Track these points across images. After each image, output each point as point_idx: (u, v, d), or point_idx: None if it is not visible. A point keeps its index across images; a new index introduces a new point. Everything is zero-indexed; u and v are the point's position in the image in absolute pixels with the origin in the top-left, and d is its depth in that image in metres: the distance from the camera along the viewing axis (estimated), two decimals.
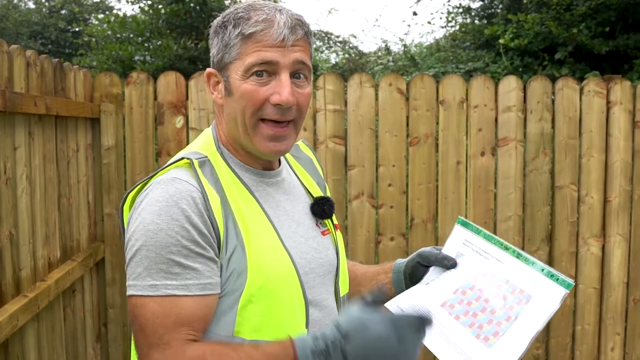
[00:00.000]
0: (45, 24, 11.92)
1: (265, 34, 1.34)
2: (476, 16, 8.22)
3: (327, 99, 3.80)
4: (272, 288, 1.32)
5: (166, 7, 7.09)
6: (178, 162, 1.36)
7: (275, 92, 1.35)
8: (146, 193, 1.32)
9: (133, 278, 1.28)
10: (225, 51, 1.39)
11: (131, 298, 1.28)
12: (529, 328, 1.34)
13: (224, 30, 1.39)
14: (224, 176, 1.38)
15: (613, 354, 3.94)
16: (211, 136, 1.48)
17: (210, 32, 1.45)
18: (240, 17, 1.37)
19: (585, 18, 6.12)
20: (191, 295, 1.26)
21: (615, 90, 3.85)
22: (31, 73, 2.74)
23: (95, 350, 3.58)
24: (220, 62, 1.41)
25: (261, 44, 1.34)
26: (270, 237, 1.37)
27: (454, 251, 1.57)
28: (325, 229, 1.55)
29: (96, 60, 7.08)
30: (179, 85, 3.74)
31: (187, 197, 1.28)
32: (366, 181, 3.83)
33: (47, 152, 2.88)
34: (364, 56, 8.26)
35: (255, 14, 1.36)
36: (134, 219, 1.30)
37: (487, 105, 3.82)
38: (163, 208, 1.26)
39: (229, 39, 1.37)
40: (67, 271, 3.01)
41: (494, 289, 1.43)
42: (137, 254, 1.27)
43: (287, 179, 1.53)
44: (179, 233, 1.25)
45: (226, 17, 1.40)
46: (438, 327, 1.38)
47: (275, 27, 1.34)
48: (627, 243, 3.89)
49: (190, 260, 1.26)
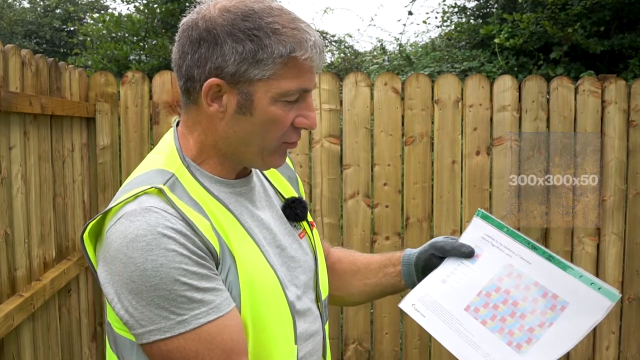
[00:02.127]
0: (40, 23, 11.90)
1: (312, 61, 1.21)
2: (471, 16, 8.23)
3: (322, 99, 3.80)
4: (262, 307, 1.23)
5: (161, 6, 7.09)
6: (147, 190, 1.18)
7: (301, 115, 1.25)
8: (119, 227, 1.15)
9: (149, 323, 1.13)
10: (253, 65, 1.19)
11: (156, 345, 1.14)
12: (566, 338, 1.24)
13: (251, 38, 1.18)
14: (197, 193, 1.24)
15: (608, 352, 3.95)
16: (174, 147, 1.31)
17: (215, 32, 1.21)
18: (275, 29, 1.19)
19: (580, 18, 6.13)
20: (224, 315, 1.15)
21: (610, 90, 3.86)
22: (26, 72, 2.73)
23: (90, 349, 3.58)
24: (237, 75, 1.20)
25: (302, 71, 1.21)
26: (252, 252, 1.26)
27: (472, 245, 1.46)
28: (301, 231, 1.45)
29: (91, 59, 7.07)
30: (174, 85, 3.74)
31: (170, 225, 1.13)
32: (361, 180, 3.84)
33: (42, 151, 2.88)
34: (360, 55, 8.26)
35: (300, 34, 1.20)
36: (114, 259, 1.14)
37: (482, 105, 3.82)
38: (151, 242, 1.11)
39: (265, 54, 1.18)
40: (63, 271, 3.01)
41: (521, 290, 1.33)
42: (141, 298, 1.12)
43: (257, 184, 1.40)
44: (182, 262, 1.12)
45: (255, 22, 1.19)
46: (464, 333, 1.30)
47: (319, 54, 1.21)
48: (622, 242, 3.90)
49: (205, 282, 1.14)
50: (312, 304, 1.40)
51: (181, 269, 1.12)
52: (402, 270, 1.56)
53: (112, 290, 1.15)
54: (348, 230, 3.85)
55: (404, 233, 3.87)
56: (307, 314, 1.36)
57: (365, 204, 3.85)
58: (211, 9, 1.22)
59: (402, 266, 1.56)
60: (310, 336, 1.37)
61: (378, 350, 3.91)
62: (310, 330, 1.37)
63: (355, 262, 1.64)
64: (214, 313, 1.14)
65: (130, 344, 1.21)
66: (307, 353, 1.35)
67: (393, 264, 1.58)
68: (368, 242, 3.86)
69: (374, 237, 3.87)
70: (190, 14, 1.26)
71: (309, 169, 3.84)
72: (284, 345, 1.27)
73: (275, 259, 1.32)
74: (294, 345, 1.29)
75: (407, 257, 1.57)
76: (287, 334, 1.28)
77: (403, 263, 1.56)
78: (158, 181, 1.21)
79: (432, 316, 1.36)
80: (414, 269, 1.54)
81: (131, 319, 1.14)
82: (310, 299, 1.40)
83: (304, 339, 1.34)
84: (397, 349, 3.92)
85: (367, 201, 3.85)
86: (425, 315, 1.37)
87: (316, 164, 3.83)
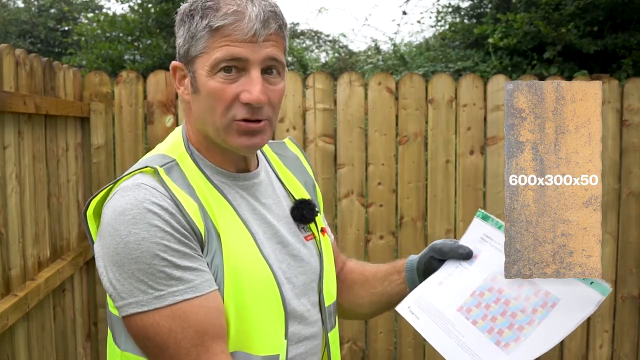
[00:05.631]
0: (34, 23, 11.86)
1: (235, 28, 1.22)
2: (465, 15, 8.25)
3: (316, 98, 3.81)
4: (247, 296, 1.23)
5: (156, 6, 7.09)
6: (143, 169, 1.24)
7: (245, 89, 1.24)
8: (111, 202, 1.20)
9: (128, 296, 1.16)
10: (191, 43, 1.27)
11: (133, 318, 1.16)
12: (554, 333, 1.25)
13: (190, 19, 1.26)
14: (195, 179, 1.27)
15: (601, 351, 3.97)
16: (181, 136, 1.36)
17: (177, 19, 1.32)
18: (209, 6, 1.24)
19: (573, 17, 6.15)
20: (202, 295, 1.16)
21: (603, 89, 3.87)
22: (20, 72, 2.73)
23: (85, 349, 3.58)
24: (186, 55, 1.29)
25: (230, 38, 1.22)
26: (246, 243, 1.27)
27: (471, 247, 1.47)
28: (309, 234, 1.45)
29: (86, 59, 7.07)
30: (168, 84, 3.74)
31: (157, 202, 1.17)
32: (356, 180, 3.85)
33: (36, 151, 2.88)
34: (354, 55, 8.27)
35: (224, 3, 1.24)
36: (105, 232, 1.18)
37: (476, 104, 3.83)
38: (136, 216, 1.15)
39: (196, 30, 1.25)
40: (57, 270, 3.01)
41: (515, 289, 1.33)
42: (123, 271, 1.15)
43: (265, 181, 1.42)
44: (164, 238, 1.15)
45: (193, 5, 1.27)
46: (454, 334, 1.31)
47: (246, 20, 1.22)
48: (615, 241, 3.91)
49: (186, 260, 1.16)
50: (311, 307, 1.40)
51: (162, 245, 1.15)
52: (405, 276, 1.57)
53: (102, 263, 1.19)
54: (342, 230, 3.86)
55: (398, 232, 3.88)
56: (303, 316, 1.36)
57: (360, 203, 3.85)
58: None
59: (406, 272, 1.57)
60: (304, 339, 1.36)
61: (372, 349, 3.92)
62: (304, 333, 1.36)
63: (364, 272, 1.65)
64: (191, 292, 1.16)
65: (120, 320, 1.23)
66: (298, 355, 1.35)
67: (398, 271, 1.59)
68: (362, 241, 3.87)
69: (368, 236, 3.88)
70: None
71: None
72: (270, 338, 1.27)
73: (273, 254, 1.33)
74: (284, 340, 1.29)
75: (409, 263, 1.57)
76: (275, 327, 1.28)
77: (406, 269, 1.57)
78: (156, 163, 1.25)
79: (426, 318, 1.37)
80: (417, 274, 1.54)
81: (114, 292, 1.18)
82: (310, 301, 1.40)
83: (295, 340, 1.33)
84: (392, 348, 3.93)
85: (361, 200, 3.86)
86: (419, 317, 1.37)
87: None
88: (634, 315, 3.96)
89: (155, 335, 1.16)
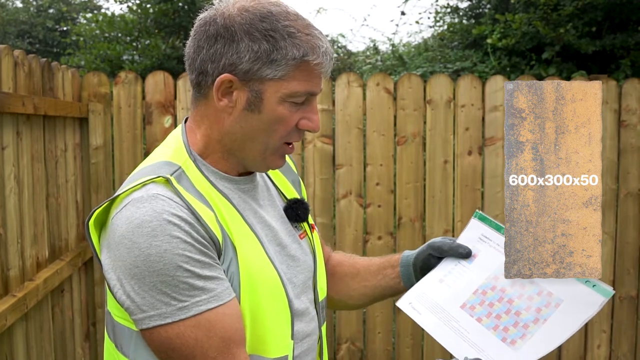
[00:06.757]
0: (32, 23, 11.85)
1: (322, 67, 1.26)
2: (464, 16, 8.24)
3: None
4: (261, 300, 1.25)
5: (154, 6, 7.08)
6: (155, 179, 1.21)
7: (305, 117, 1.29)
8: (125, 214, 1.18)
9: (150, 309, 1.15)
10: (266, 64, 1.23)
11: (157, 330, 1.16)
12: (559, 332, 1.27)
13: (267, 39, 1.22)
14: (202, 186, 1.27)
15: (599, 351, 3.97)
16: (181, 141, 1.34)
17: (235, 27, 1.24)
18: (290, 33, 1.23)
19: (572, 18, 6.14)
20: (224, 304, 1.17)
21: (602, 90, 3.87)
22: (19, 73, 2.73)
23: (84, 349, 3.58)
24: (250, 72, 1.24)
25: (313, 74, 1.26)
26: (254, 247, 1.29)
27: (469, 246, 1.49)
28: (302, 232, 1.47)
29: (84, 59, 7.05)
30: (167, 85, 3.74)
31: (176, 213, 1.16)
32: (354, 180, 3.85)
33: (35, 151, 2.88)
34: (352, 55, 8.26)
35: (314, 40, 1.24)
36: (118, 244, 1.17)
37: (474, 105, 3.84)
38: (156, 228, 1.14)
39: (279, 55, 1.22)
40: (56, 271, 3.01)
41: (517, 289, 1.35)
42: (143, 283, 1.14)
43: (260, 183, 1.43)
44: (185, 249, 1.15)
45: (272, 24, 1.23)
46: (459, 330, 1.32)
47: (327, 59, 1.26)
48: (613, 241, 3.92)
49: (207, 270, 1.17)
50: (309, 304, 1.42)
51: (184, 256, 1.14)
52: (400, 271, 1.58)
53: (115, 275, 1.18)
54: (340, 230, 3.86)
55: (397, 233, 3.88)
56: (304, 314, 1.38)
57: (358, 203, 3.85)
58: (230, 7, 1.26)
59: (401, 267, 1.58)
60: (307, 336, 1.39)
61: (371, 350, 3.92)
62: (306, 330, 1.38)
63: (355, 265, 1.67)
64: (215, 301, 1.16)
65: (129, 332, 1.23)
66: (302, 352, 1.37)
67: (392, 265, 1.61)
68: (360, 241, 3.87)
69: (366, 236, 3.88)
70: (208, 11, 1.30)
71: (301, 169, 3.85)
72: (280, 339, 1.29)
73: (276, 256, 1.34)
74: (291, 341, 1.31)
75: (405, 258, 1.59)
76: (284, 329, 1.30)
77: (401, 264, 1.58)
78: (165, 172, 1.24)
79: (428, 314, 1.38)
80: (413, 269, 1.56)
81: (132, 304, 1.16)
82: (308, 299, 1.42)
83: (300, 338, 1.35)
84: (390, 348, 3.93)
85: (360, 201, 3.86)
86: (422, 312, 1.39)
87: (309, 164, 3.84)
88: (632, 315, 3.97)
89: (181, 346, 1.16)
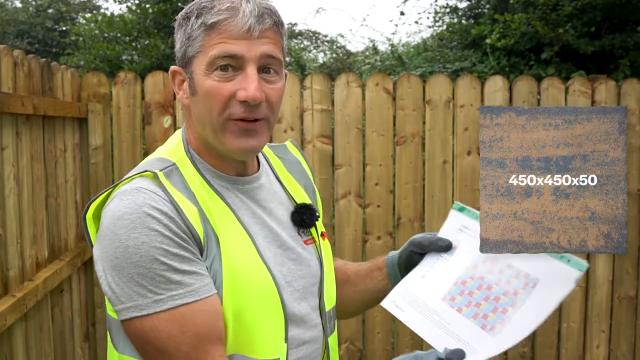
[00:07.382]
0: (32, 23, 11.85)
1: (229, 24, 1.22)
2: (463, 16, 8.25)
3: (314, 99, 3.81)
4: (247, 300, 1.23)
5: (154, 6, 7.09)
6: (142, 173, 1.23)
7: (241, 87, 1.23)
8: (110, 206, 1.20)
9: (127, 300, 1.16)
10: (187, 44, 1.27)
11: (133, 322, 1.16)
12: (537, 313, 1.27)
13: (186, 21, 1.27)
14: (194, 183, 1.27)
15: (598, 351, 3.98)
16: (181, 139, 1.36)
17: (175, 25, 1.32)
18: (204, 6, 1.25)
19: (571, 18, 6.15)
20: (201, 299, 1.16)
21: (600, 90, 3.88)
22: (18, 73, 2.74)
23: (83, 349, 3.58)
24: (183, 57, 1.29)
25: (225, 35, 1.22)
26: (246, 247, 1.27)
27: (450, 238, 1.49)
28: (309, 238, 1.45)
29: (83, 59, 7.06)
30: (166, 85, 3.75)
31: (156, 206, 1.17)
32: (353, 180, 3.85)
33: (34, 152, 2.88)
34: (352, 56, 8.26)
35: (219, 2, 1.24)
36: (104, 236, 1.18)
37: (473, 105, 3.84)
38: (136, 220, 1.15)
39: (192, 31, 1.25)
40: (55, 271, 3.01)
41: (495, 274, 1.36)
42: (122, 274, 1.15)
43: (265, 185, 1.41)
44: (163, 242, 1.15)
45: (190, 8, 1.27)
46: (440, 322, 1.33)
47: (240, 15, 1.22)
48: None
49: (185, 264, 1.16)
50: (312, 311, 1.39)
51: (162, 249, 1.15)
52: (387, 272, 1.58)
53: (101, 266, 1.19)
54: (340, 230, 3.87)
55: (396, 233, 3.89)
56: (304, 320, 1.36)
57: (357, 203, 3.86)
58: None
59: (387, 268, 1.58)
60: (304, 343, 1.36)
61: (370, 350, 3.93)
62: (304, 337, 1.36)
63: (346, 272, 1.65)
64: (191, 296, 1.16)
65: (117, 323, 1.23)
66: (298, 359, 1.34)
67: (379, 267, 1.60)
68: (360, 241, 3.87)
69: (365, 236, 3.89)
70: None
71: None
72: (271, 341, 1.27)
73: (274, 258, 1.33)
74: (284, 344, 1.29)
75: (390, 258, 1.59)
76: (275, 331, 1.28)
77: (387, 265, 1.59)
78: (156, 167, 1.25)
79: (410, 310, 1.39)
80: (398, 269, 1.56)
81: (113, 295, 1.18)
82: (310, 305, 1.39)
83: (296, 343, 1.33)
84: (389, 348, 3.93)
85: (359, 201, 3.87)
86: (405, 309, 1.39)
87: None
88: (631, 315, 3.98)
89: (154, 339, 1.16)
